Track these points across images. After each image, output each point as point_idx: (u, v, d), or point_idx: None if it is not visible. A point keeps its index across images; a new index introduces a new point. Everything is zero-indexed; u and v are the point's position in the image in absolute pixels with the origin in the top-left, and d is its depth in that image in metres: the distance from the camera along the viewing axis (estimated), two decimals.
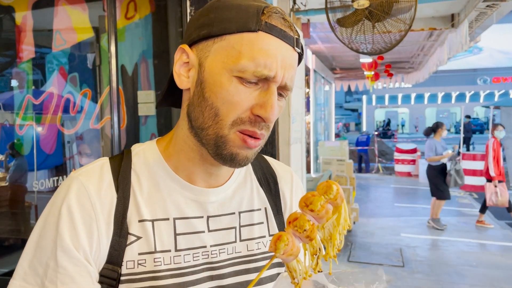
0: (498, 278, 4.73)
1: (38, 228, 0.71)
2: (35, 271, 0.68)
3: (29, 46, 2.77)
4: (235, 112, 0.69)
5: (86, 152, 2.86)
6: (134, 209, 0.74)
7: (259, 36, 0.68)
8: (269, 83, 0.69)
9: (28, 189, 2.54)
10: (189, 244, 0.76)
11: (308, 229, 0.58)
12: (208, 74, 0.70)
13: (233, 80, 0.68)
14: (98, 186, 0.72)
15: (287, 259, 0.58)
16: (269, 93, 0.69)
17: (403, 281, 4.61)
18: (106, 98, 2.73)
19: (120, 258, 0.71)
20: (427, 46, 8.05)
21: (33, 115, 2.64)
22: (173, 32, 2.89)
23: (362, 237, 6.19)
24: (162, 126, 3.00)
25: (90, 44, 2.89)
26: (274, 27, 0.69)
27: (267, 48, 0.68)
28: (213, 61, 0.70)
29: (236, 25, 0.68)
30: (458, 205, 8.52)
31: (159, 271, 0.72)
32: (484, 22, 5.20)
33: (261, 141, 0.73)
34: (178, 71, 0.74)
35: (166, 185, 0.77)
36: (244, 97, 0.69)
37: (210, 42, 0.70)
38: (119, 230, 0.72)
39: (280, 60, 0.69)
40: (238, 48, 0.68)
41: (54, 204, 0.72)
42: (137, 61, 3.02)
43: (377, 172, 13.42)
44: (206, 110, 0.70)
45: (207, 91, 0.70)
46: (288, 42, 0.70)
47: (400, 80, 12.75)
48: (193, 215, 0.77)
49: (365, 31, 2.82)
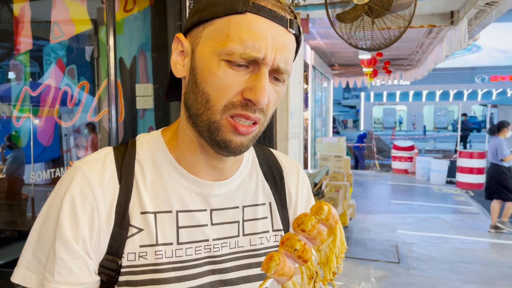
0: (493, 275, 4.76)
1: (41, 218, 0.71)
2: (38, 260, 0.69)
3: (26, 38, 2.75)
4: (225, 97, 0.68)
5: (83, 144, 2.86)
6: (137, 201, 0.73)
7: (247, 17, 0.67)
8: (260, 65, 0.67)
9: (25, 182, 2.53)
10: (191, 238, 0.75)
11: (299, 248, 0.57)
12: (198, 60, 0.70)
13: (222, 64, 0.67)
14: (100, 176, 0.72)
15: (280, 280, 0.57)
16: (260, 75, 0.67)
17: (399, 277, 4.64)
18: (104, 91, 2.72)
19: (120, 249, 0.70)
20: (426, 43, 8.05)
21: (30, 107, 2.63)
22: (172, 25, 2.88)
23: (358, 233, 6.22)
24: (160, 119, 2.99)
25: (88, 37, 2.87)
26: (263, 7, 0.67)
27: (255, 29, 0.66)
28: (203, 47, 0.69)
29: (224, 8, 0.67)
30: (454, 203, 8.55)
31: (160, 264, 0.72)
32: (483, 20, 5.20)
33: (255, 126, 0.71)
34: (175, 60, 0.74)
35: (170, 177, 0.76)
36: (233, 81, 0.67)
37: (201, 28, 0.70)
38: (120, 221, 0.71)
39: (270, 41, 0.67)
40: (225, 31, 0.67)
41: (57, 194, 0.71)
42: (135, 54, 3.01)
43: (374, 169, 13.45)
44: (199, 96, 0.70)
45: (198, 77, 0.70)
46: (279, 23, 0.68)
47: (399, 77, 12.76)
48: (196, 208, 0.76)
49: (364, 27, 2.82)
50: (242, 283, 0.78)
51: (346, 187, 6.50)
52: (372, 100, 39.08)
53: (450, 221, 7.15)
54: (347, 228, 6.41)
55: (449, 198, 9.02)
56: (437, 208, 8.04)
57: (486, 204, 8.33)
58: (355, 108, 44.29)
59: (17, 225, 2.32)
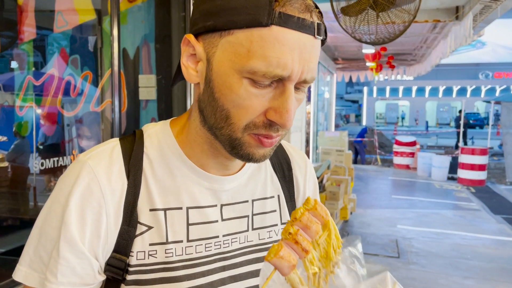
0: (492, 271, 4.78)
1: (44, 214, 0.68)
2: (40, 258, 0.66)
3: (30, 27, 2.75)
4: (247, 117, 0.63)
5: (86, 135, 2.87)
6: (146, 197, 0.70)
7: (272, 31, 0.59)
8: (285, 82, 0.62)
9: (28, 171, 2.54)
10: (201, 235, 0.73)
11: (293, 232, 0.58)
12: (216, 74, 0.64)
13: (243, 82, 0.61)
14: (108, 171, 0.68)
15: (281, 265, 0.58)
16: (285, 95, 0.62)
17: (398, 272, 4.66)
18: (107, 81, 2.72)
19: (128, 248, 0.68)
20: (430, 38, 8.00)
21: (33, 97, 2.63)
22: (176, 16, 2.87)
23: (359, 228, 6.23)
24: (163, 110, 2.99)
25: (92, 27, 2.87)
26: (290, 17, 0.59)
27: (281, 44, 0.59)
28: (221, 59, 0.63)
29: (245, 18, 0.59)
30: (455, 199, 8.56)
31: (170, 262, 0.70)
32: (488, 16, 5.17)
33: (278, 137, 0.68)
34: (186, 63, 0.68)
35: (181, 172, 0.73)
36: (256, 101, 0.62)
37: (217, 35, 0.63)
38: (128, 219, 0.68)
39: (297, 55, 0.60)
40: (247, 45, 0.60)
41: (61, 190, 0.68)
42: (139, 45, 3.01)
43: (376, 164, 13.45)
44: (217, 111, 0.65)
45: (216, 91, 0.64)
46: (307, 32, 0.61)
47: (402, 73, 12.70)
48: (206, 204, 0.74)
49: (369, 21, 2.81)
50: (251, 278, 0.77)
51: (347, 182, 6.51)
52: (375, 95, 38.96)
53: (450, 217, 7.16)
54: (347, 222, 6.43)
55: (450, 194, 9.03)
56: (438, 204, 8.05)
57: (487, 200, 8.34)
58: (357, 103, 44.20)
59: (19, 213, 2.33)
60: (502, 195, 9.00)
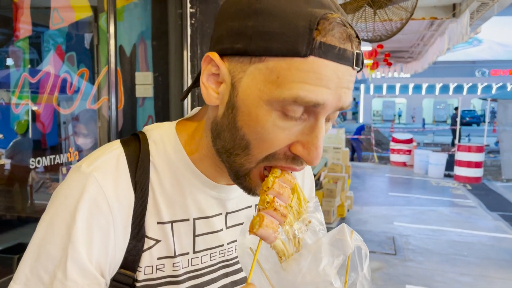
0: (488, 267, 4.80)
1: (43, 229, 0.63)
2: (38, 278, 0.61)
3: (26, 24, 2.73)
4: (269, 150, 0.59)
5: (82, 132, 2.85)
6: (153, 210, 0.67)
7: (309, 62, 0.54)
8: (317, 114, 0.57)
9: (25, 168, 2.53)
10: (207, 245, 0.72)
11: (270, 200, 0.59)
12: (241, 101, 0.59)
13: (272, 115, 0.57)
14: (115, 185, 0.64)
15: (267, 234, 0.58)
16: (316, 130, 0.58)
17: (395, 269, 4.67)
18: (104, 79, 2.71)
19: (136, 263, 0.66)
20: (427, 36, 8.02)
21: (29, 94, 2.62)
22: (173, 13, 2.86)
23: (356, 225, 6.25)
24: (160, 108, 2.98)
25: (88, 23, 2.85)
26: (331, 48, 0.54)
27: (317, 76, 0.54)
28: (249, 86, 0.58)
29: (281, 45, 0.54)
30: (451, 196, 8.59)
31: (177, 275, 0.69)
32: (485, 13, 5.18)
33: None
34: (206, 83, 0.62)
35: (188, 182, 0.70)
36: (282, 135, 0.58)
37: (246, 60, 0.57)
38: (136, 234, 0.65)
39: (334, 86, 0.56)
40: (281, 76, 0.55)
41: (65, 204, 0.62)
42: (135, 42, 3.00)
43: (373, 161, 13.48)
44: (237, 139, 0.60)
45: (239, 119, 0.59)
46: (346, 63, 0.56)
47: (399, 70, 12.73)
48: (212, 214, 0.72)
49: (366, 18, 2.80)
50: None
51: (344, 179, 6.52)
52: (372, 92, 39.02)
53: (447, 214, 7.19)
54: (344, 219, 6.44)
55: (447, 191, 9.06)
56: (435, 201, 8.08)
57: (483, 198, 8.37)
58: (354, 100, 44.23)
59: (16, 211, 2.32)
60: (498, 192, 9.04)
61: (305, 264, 0.60)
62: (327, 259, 0.59)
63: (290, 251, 0.62)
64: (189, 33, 2.82)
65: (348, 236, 0.61)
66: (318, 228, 0.67)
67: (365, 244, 0.64)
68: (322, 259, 0.59)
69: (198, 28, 2.82)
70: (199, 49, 2.83)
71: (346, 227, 0.62)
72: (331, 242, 0.60)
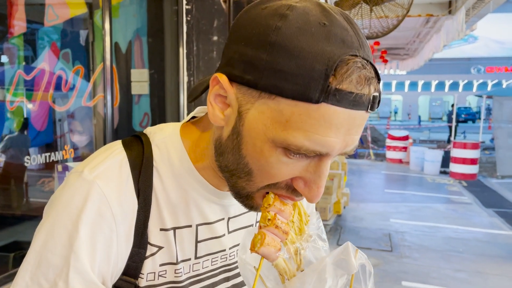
0: (484, 264, 4.83)
1: (43, 237, 0.61)
2: (39, 285, 0.60)
3: (20, 21, 2.71)
4: (270, 181, 0.59)
5: (77, 130, 2.84)
6: (156, 217, 0.66)
7: (321, 109, 0.51)
8: (322, 158, 0.56)
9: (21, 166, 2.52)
10: (208, 250, 0.72)
11: (271, 217, 0.59)
12: (247, 132, 0.57)
13: (276, 151, 0.56)
14: (119, 193, 0.63)
15: (268, 252, 0.58)
16: (320, 171, 0.57)
17: (391, 265, 4.69)
18: (99, 76, 2.70)
19: (138, 270, 0.65)
20: (423, 33, 8.03)
21: (24, 92, 2.60)
22: (168, 10, 2.85)
23: (352, 222, 6.26)
24: (156, 105, 2.97)
25: (83, 20, 2.83)
26: (346, 95, 0.51)
27: (327, 123, 0.52)
28: (255, 119, 0.56)
29: (292, 88, 0.51)
30: (447, 193, 8.63)
31: (179, 281, 0.69)
32: (481, 10, 5.19)
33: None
34: (213, 102, 0.61)
35: (192, 189, 0.69)
36: (285, 170, 0.57)
37: (255, 93, 0.55)
38: (139, 240, 0.65)
39: (343, 132, 0.54)
40: (287, 116, 0.53)
41: (67, 213, 0.61)
42: (131, 39, 2.98)
43: (369, 158, 13.51)
44: (241, 164, 0.60)
45: (243, 148, 0.58)
46: (361, 109, 0.53)
47: (395, 67, 12.75)
48: (215, 219, 0.72)
49: (362, 15, 2.80)
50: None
51: (340, 176, 6.53)
52: None
53: (442, 210, 7.22)
54: (341, 216, 6.45)
55: (442, 188, 9.10)
56: (430, 197, 8.11)
57: (478, 194, 8.42)
58: None
59: (11, 209, 2.31)
60: (494, 189, 9.09)
61: (309, 285, 0.59)
62: (332, 280, 0.58)
63: (292, 269, 0.62)
64: (185, 30, 2.81)
65: (352, 256, 0.59)
66: (320, 244, 0.66)
67: (369, 263, 0.63)
68: (327, 280, 0.58)
69: (194, 25, 2.80)
70: (195, 46, 2.82)
71: (351, 246, 0.60)
72: (335, 262, 0.59)
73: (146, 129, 0.73)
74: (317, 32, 0.52)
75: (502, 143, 9.94)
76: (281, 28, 0.53)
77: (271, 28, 0.53)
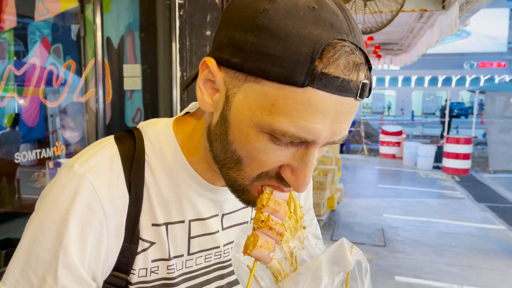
0: (476, 258, 4.87)
1: (32, 231, 0.61)
2: (28, 281, 0.60)
3: (10, 15, 2.67)
4: (260, 169, 0.58)
5: (69, 125, 2.82)
6: (148, 212, 0.65)
7: (307, 93, 0.50)
8: (309, 145, 0.55)
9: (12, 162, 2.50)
10: (202, 246, 0.71)
11: (264, 219, 0.57)
12: (233, 117, 0.57)
13: (262, 137, 0.55)
14: (109, 187, 0.62)
15: (262, 255, 0.57)
16: (306, 159, 0.56)
17: (384, 260, 4.71)
18: (91, 71, 2.67)
19: (129, 265, 0.64)
20: (417, 28, 8.04)
21: (14, 87, 2.57)
22: (161, 4, 2.82)
23: (345, 217, 6.29)
24: (148, 101, 2.95)
25: (74, 15, 2.80)
26: (333, 80, 0.50)
27: (313, 109, 0.51)
28: (241, 104, 0.55)
29: (278, 71, 0.50)
30: (440, 188, 8.68)
31: (172, 278, 0.68)
32: (474, 5, 5.20)
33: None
34: (202, 87, 0.60)
35: (184, 183, 0.68)
36: (273, 156, 0.56)
37: (242, 76, 0.54)
38: (130, 236, 0.64)
39: (330, 119, 0.52)
40: (272, 100, 0.52)
41: (56, 207, 0.60)
42: (123, 34, 2.95)
43: (362, 153, 13.56)
44: (229, 152, 0.59)
45: (230, 134, 0.58)
46: (349, 95, 0.52)
47: (389, 62, 12.77)
48: (208, 215, 0.70)
49: (356, 10, 2.79)
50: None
51: (334, 171, 6.54)
52: None
53: (435, 205, 7.27)
54: (334, 211, 6.47)
55: (435, 183, 9.15)
56: (423, 192, 8.16)
57: (471, 189, 8.48)
58: None
59: (3, 206, 2.29)
60: (486, 184, 9.16)
61: (304, 284, 0.57)
62: (328, 278, 0.57)
63: (286, 270, 0.61)
64: (178, 24, 2.78)
65: (348, 252, 0.58)
66: (313, 242, 0.64)
67: (365, 259, 0.62)
68: (322, 278, 0.57)
69: (187, 20, 2.78)
70: (188, 40, 2.80)
71: (346, 242, 0.59)
72: (330, 259, 0.58)
73: (139, 124, 0.72)
74: (305, 15, 0.51)
75: (495, 138, 10.01)
76: (269, 10, 0.52)
77: (259, 10, 0.52)
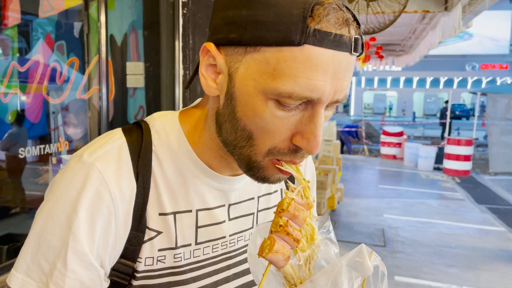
0: (475, 259, 4.87)
1: (43, 219, 0.62)
2: (40, 267, 0.61)
3: (14, 12, 2.68)
4: (272, 140, 0.59)
5: (72, 122, 2.83)
6: (155, 201, 0.67)
7: (304, 50, 0.53)
8: (314, 105, 0.57)
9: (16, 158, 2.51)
10: (209, 236, 0.72)
11: (283, 224, 0.58)
12: (238, 92, 0.59)
13: (268, 105, 0.57)
14: (117, 175, 0.64)
15: (277, 259, 0.57)
16: (314, 120, 0.57)
17: (384, 261, 4.66)
18: (94, 69, 2.68)
19: (136, 253, 0.66)
20: (419, 29, 8.03)
21: (18, 83, 2.58)
22: (164, 2, 2.83)
23: (346, 217, 6.29)
24: (151, 98, 2.96)
25: (78, 12, 2.81)
26: (326, 35, 0.53)
27: (313, 65, 0.54)
28: (244, 76, 0.57)
29: (274, 35, 0.54)
30: (440, 189, 8.68)
31: (179, 266, 0.69)
32: (477, 7, 5.20)
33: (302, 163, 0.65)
34: (205, 73, 0.62)
35: (191, 172, 0.69)
36: (281, 125, 0.58)
37: (241, 50, 0.57)
38: (137, 224, 0.65)
39: (330, 75, 0.55)
40: (274, 64, 0.55)
41: (66, 195, 0.62)
42: (126, 32, 2.96)
43: (363, 154, 13.56)
44: (239, 130, 0.61)
45: (238, 110, 0.60)
46: (344, 50, 0.55)
47: (391, 63, 12.76)
48: (215, 205, 0.72)
49: (359, 10, 2.80)
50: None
51: (335, 171, 6.55)
52: (363, 85, 39.12)
53: (435, 206, 7.27)
54: (334, 211, 6.48)
55: (436, 184, 9.15)
56: (424, 193, 8.16)
57: (471, 190, 8.48)
58: None
59: (5, 201, 2.30)
60: (486, 185, 9.16)
61: None
62: (347, 283, 0.57)
63: (300, 276, 0.61)
64: (181, 23, 2.79)
65: (367, 258, 0.59)
66: (331, 248, 0.64)
67: (383, 264, 0.62)
68: (343, 283, 0.57)
69: (190, 18, 2.79)
70: (191, 39, 2.81)
71: (365, 248, 0.60)
72: (349, 264, 0.58)
73: (147, 117, 0.74)
74: None
75: (495, 140, 10.01)
76: None
77: None
